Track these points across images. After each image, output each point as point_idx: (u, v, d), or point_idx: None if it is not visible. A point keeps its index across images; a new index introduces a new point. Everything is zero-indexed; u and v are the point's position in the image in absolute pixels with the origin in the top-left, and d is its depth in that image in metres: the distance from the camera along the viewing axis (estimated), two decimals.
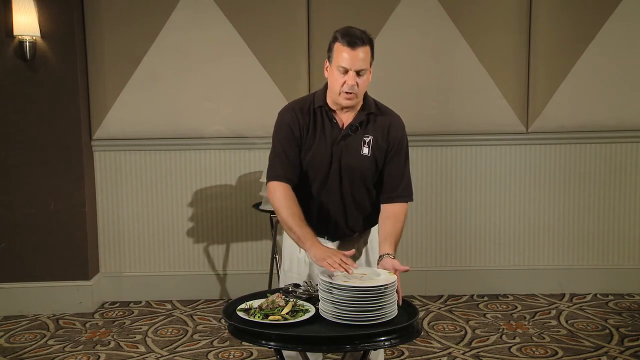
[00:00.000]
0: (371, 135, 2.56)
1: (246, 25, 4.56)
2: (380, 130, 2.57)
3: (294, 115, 2.56)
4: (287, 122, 2.56)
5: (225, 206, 4.73)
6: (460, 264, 4.80)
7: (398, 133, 2.60)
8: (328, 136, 2.55)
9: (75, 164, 4.47)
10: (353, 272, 2.28)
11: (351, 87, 2.45)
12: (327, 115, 2.56)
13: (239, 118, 4.64)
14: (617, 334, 4.01)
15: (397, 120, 2.63)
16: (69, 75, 4.39)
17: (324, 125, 2.56)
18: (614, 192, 4.73)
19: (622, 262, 4.78)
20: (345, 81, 2.44)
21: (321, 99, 2.57)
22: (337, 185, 2.56)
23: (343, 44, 2.43)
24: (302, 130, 2.55)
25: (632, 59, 4.61)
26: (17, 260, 4.48)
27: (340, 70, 2.45)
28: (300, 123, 2.55)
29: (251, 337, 2.20)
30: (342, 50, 2.43)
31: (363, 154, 2.55)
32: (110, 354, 3.85)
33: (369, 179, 2.58)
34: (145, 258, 4.78)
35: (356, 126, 2.55)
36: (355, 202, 2.58)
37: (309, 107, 2.58)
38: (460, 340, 3.97)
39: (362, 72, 2.45)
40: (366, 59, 2.45)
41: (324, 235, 2.63)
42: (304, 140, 2.56)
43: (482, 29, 4.58)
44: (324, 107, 2.56)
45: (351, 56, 2.42)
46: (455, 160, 4.72)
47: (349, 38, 2.42)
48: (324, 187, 2.57)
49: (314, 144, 2.55)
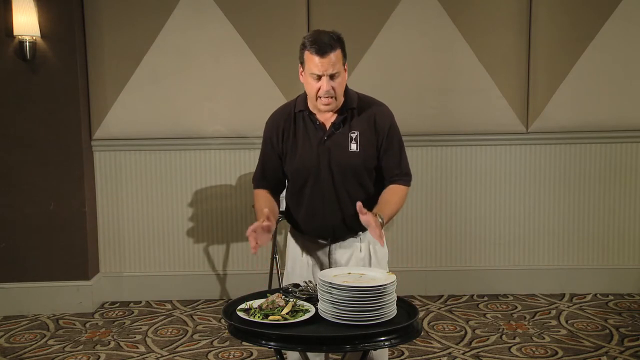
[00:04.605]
0: (357, 130, 2.54)
1: (246, 25, 4.56)
2: (365, 123, 2.56)
3: (275, 122, 2.61)
4: (268, 131, 2.63)
5: (225, 206, 4.73)
6: (460, 264, 4.80)
7: (385, 122, 2.58)
8: (313, 139, 2.55)
9: (75, 164, 4.47)
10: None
11: (327, 92, 2.45)
12: (309, 119, 2.56)
13: (239, 118, 4.64)
14: (617, 334, 4.01)
15: (381, 109, 2.61)
16: (69, 75, 4.39)
17: (307, 129, 2.56)
18: (614, 192, 4.73)
19: (622, 262, 4.78)
20: (320, 87, 2.45)
21: (302, 103, 2.58)
22: (330, 185, 2.55)
23: (312, 52, 2.42)
24: (283, 137, 2.58)
25: (632, 59, 4.61)
26: (17, 260, 4.48)
27: (313, 77, 2.45)
28: (280, 131, 2.58)
29: (251, 337, 2.20)
30: (313, 58, 2.43)
31: (351, 151, 2.54)
32: (110, 354, 3.85)
33: (362, 174, 2.56)
34: (145, 258, 4.78)
35: (339, 124, 2.55)
36: (352, 200, 2.57)
37: (290, 112, 2.59)
38: (460, 340, 3.97)
39: (335, 76, 2.45)
40: (338, 62, 2.44)
41: (326, 238, 2.62)
42: (287, 147, 2.57)
43: (482, 29, 4.58)
44: (304, 111, 2.57)
45: (322, 63, 2.41)
46: (455, 160, 4.72)
47: (317, 46, 2.41)
48: (317, 189, 2.56)
49: (299, 148, 2.56)
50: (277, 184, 2.70)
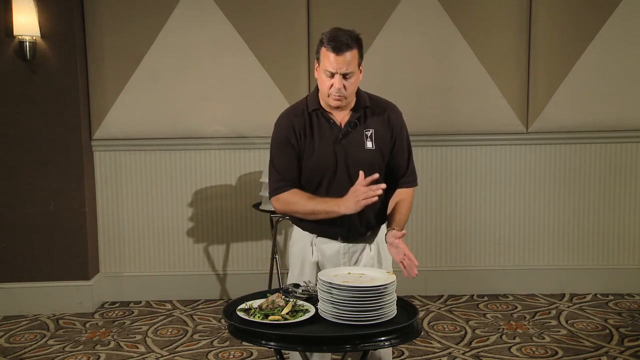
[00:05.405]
0: (372, 128, 2.57)
1: (246, 25, 4.56)
2: (379, 120, 2.59)
3: (289, 122, 2.58)
4: (284, 131, 2.57)
5: (225, 206, 4.73)
6: (460, 264, 4.80)
7: (398, 119, 2.63)
8: (329, 137, 2.55)
9: (75, 164, 4.47)
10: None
11: (338, 90, 2.47)
12: (323, 117, 2.57)
13: (239, 118, 4.64)
14: (617, 334, 4.01)
15: (393, 107, 2.66)
16: (69, 75, 4.39)
17: (322, 127, 2.56)
18: (614, 192, 4.73)
19: (622, 262, 4.78)
20: (332, 84, 2.47)
21: (315, 102, 2.58)
22: (346, 183, 2.53)
23: (328, 49, 2.44)
24: (300, 136, 2.56)
25: (632, 59, 4.61)
26: (17, 260, 4.48)
27: (327, 74, 2.47)
28: (296, 129, 2.56)
29: (251, 337, 2.20)
30: (328, 55, 2.44)
31: (368, 148, 2.55)
32: (110, 354, 3.85)
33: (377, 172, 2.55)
34: (145, 258, 4.78)
35: (355, 122, 2.56)
36: None
37: (303, 112, 2.58)
38: (460, 340, 3.97)
39: (348, 75, 2.46)
40: (353, 62, 2.46)
41: (337, 237, 2.62)
42: (303, 145, 2.56)
43: (482, 28, 4.58)
44: (318, 110, 2.57)
45: (337, 61, 2.43)
46: (455, 160, 4.71)
47: (334, 43, 2.43)
48: (333, 187, 2.55)
49: (315, 148, 2.55)
50: (296, 180, 2.59)
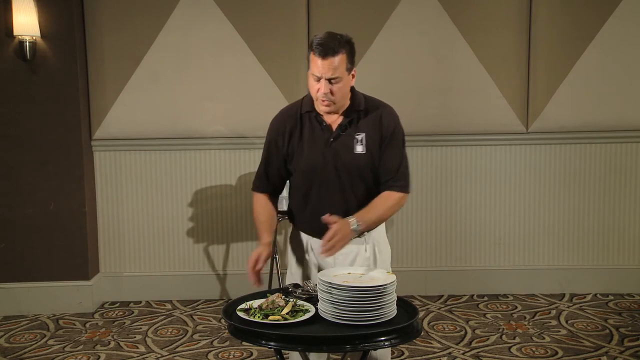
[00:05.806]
0: (363, 132, 2.55)
1: (246, 25, 4.56)
2: (371, 124, 2.56)
3: (281, 124, 2.60)
4: (273, 134, 2.62)
5: (225, 206, 4.73)
6: (460, 264, 4.80)
7: (390, 122, 2.58)
8: (319, 139, 2.55)
9: (75, 164, 4.47)
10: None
11: (325, 95, 2.45)
12: (316, 119, 2.56)
13: (239, 118, 4.64)
14: (617, 334, 4.01)
15: (388, 110, 2.61)
16: (69, 75, 4.39)
17: (314, 130, 2.56)
18: (614, 192, 4.73)
19: (622, 262, 4.78)
20: (319, 88, 2.46)
21: (309, 104, 2.58)
22: (336, 186, 2.54)
23: (315, 54, 2.43)
24: (289, 138, 2.57)
25: (632, 59, 4.61)
26: (17, 260, 4.48)
27: (314, 77, 2.47)
28: (287, 131, 2.57)
29: (251, 337, 2.20)
30: (315, 60, 2.44)
31: (357, 152, 2.54)
32: (110, 354, 3.85)
33: (369, 176, 2.56)
34: (145, 258, 4.78)
35: (345, 125, 2.55)
36: (358, 201, 2.56)
37: (297, 113, 2.59)
38: (460, 340, 3.97)
39: (335, 80, 2.44)
40: (340, 66, 2.43)
41: None
42: (292, 147, 2.57)
43: (482, 28, 4.58)
44: (311, 112, 2.57)
45: (323, 65, 2.42)
46: (455, 160, 4.71)
47: (321, 48, 2.42)
48: (323, 190, 2.56)
49: (304, 149, 2.55)
50: (278, 185, 2.73)
